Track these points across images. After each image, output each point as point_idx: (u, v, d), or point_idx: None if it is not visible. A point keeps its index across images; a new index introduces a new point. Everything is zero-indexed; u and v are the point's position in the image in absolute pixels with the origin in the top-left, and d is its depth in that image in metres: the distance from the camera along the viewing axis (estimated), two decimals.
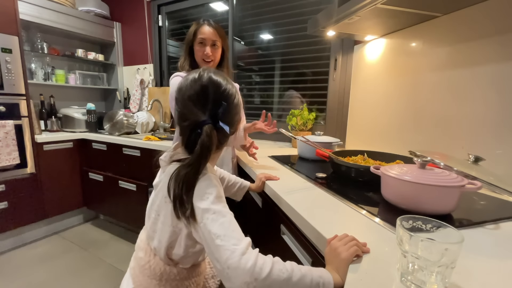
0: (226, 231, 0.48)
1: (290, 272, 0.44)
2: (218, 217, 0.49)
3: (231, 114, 0.60)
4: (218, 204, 0.52)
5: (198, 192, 0.53)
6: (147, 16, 2.56)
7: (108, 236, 2.19)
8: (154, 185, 0.63)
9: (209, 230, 0.48)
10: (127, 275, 0.68)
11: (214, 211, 0.50)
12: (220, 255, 0.45)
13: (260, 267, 0.43)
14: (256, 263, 0.43)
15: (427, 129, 1.12)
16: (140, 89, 2.62)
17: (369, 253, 0.49)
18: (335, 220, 0.64)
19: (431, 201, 0.62)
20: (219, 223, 0.49)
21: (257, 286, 0.42)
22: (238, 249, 0.44)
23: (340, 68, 1.65)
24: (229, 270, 0.43)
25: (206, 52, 1.15)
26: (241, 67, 2.17)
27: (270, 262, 0.45)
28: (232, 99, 0.60)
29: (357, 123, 1.57)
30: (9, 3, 1.78)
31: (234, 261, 0.43)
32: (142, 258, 0.62)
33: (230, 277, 0.43)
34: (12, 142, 1.83)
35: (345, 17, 1.05)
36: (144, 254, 0.62)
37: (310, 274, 0.45)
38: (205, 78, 0.59)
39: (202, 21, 1.17)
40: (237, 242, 0.46)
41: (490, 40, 0.89)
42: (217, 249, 0.46)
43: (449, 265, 0.37)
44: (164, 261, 0.60)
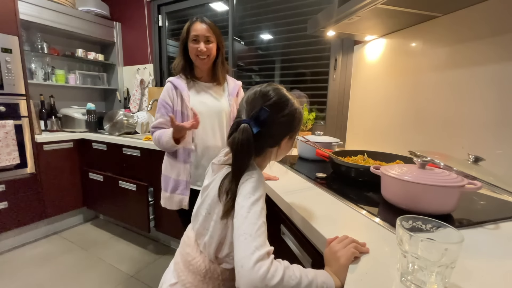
0: (254, 232, 0.49)
1: (299, 279, 0.45)
2: (252, 216, 0.51)
3: (275, 125, 0.58)
4: (257, 206, 0.53)
5: (242, 190, 0.54)
6: (147, 16, 2.56)
7: (108, 236, 2.19)
8: (204, 186, 0.66)
9: (239, 226, 0.50)
10: (170, 268, 0.70)
11: (249, 211, 0.51)
12: (239, 251, 0.47)
13: (272, 274, 0.44)
14: (269, 270, 0.44)
15: (427, 129, 1.12)
16: (140, 89, 2.62)
17: (368, 253, 0.49)
18: (335, 220, 0.64)
19: (431, 201, 0.62)
20: (251, 223, 0.50)
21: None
22: (257, 253, 0.45)
23: (340, 68, 1.65)
24: (242, 269, 0.45)
25: (200, 48, 1.13)
26: (241, 67, 2.17)
27: (282, 269, 0.45)
28: (285, 112, 0.59)
29: (357, 123, 1.57)
30: (9, 3, 1.78)
31: (249, 263, 0.44)
32: (189, 254, 0.64)
33: (241, 277, 0.44)
34: (12, 142, 1.83)
35: (345, 17, 1.05)
36: (191, 250, 0.64)
37: (315, 280, 0.46)
38: (270, 87, 0.62)
39: (195, 19, 1.17)
40: (259, 246, 0.47)
41: (490, 40, 0.89)
42: (240, 245, 0.48)
43: (449, 265, 0.37)
44: (210, 259, 0.62)
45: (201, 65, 1.18)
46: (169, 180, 1.21)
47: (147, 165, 1.89)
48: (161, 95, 1.19)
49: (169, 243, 2.05)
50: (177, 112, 1.17)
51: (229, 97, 1.25)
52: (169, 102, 1.17)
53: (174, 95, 1.17)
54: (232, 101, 1.25)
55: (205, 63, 1.17)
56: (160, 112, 1.19)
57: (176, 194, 1.19)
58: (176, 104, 1.17)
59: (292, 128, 0.62)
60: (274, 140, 0.61)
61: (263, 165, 0.65)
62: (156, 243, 2.08)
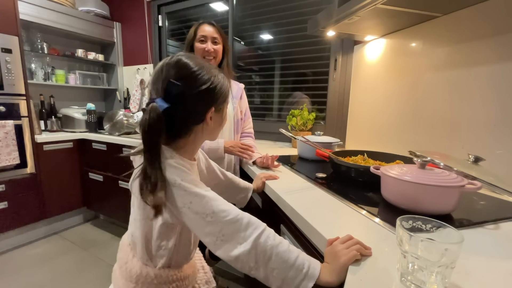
0: (213, 208, 0.49)
1: (279, 242, 0.48)
2: (200, 199, 0.50)
3: (191, 98, 0.53)
4: (195, 188, 0.51)
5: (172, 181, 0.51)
6: (147, 16, 2.56)
7: (108, 236, 2.19)
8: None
9: (196, 211, 0.49)
10: (112, 277, 0.65)
11: (195, 195, 0.50)
12: (212, 229, 0.49)
13: (254, 227, 0.48)
14: (251, 222, 0.49)
15: (427, 129, 1.12)
16: (140, 89, 2.62)
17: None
18: (335, 220, 0.64)
19: (431, 201, 0.62)
20: (205, 202, 0.50)
21: (246, 246, 0.46)
22: (229, 217, 0.48)
23: (340, 68, 1.65)
24: (223, 237, 0.48)
25: (207, 48, 1.13)
26: (241, 67, 2.17)
27: (263, 225, 0.49)
28: (199, 82, 0.53)
29: (357, 123, 1.57)
30: (9, 3, 1.78)
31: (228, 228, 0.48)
32: (122, 259, 0.60)
33: (222, 245, 0.48)
34: (12, 142, 1.83)
35: (345, 17, 1.05)
36: (123, 254, 0.60)
37: (297, 252, 0.48)
38: (173, 58, 0.55)
39: (202, 21, 1.17)
40: (226, 213, 0.49)
41: (490, 40, 0.89)
42: (208, 224, 0.49)
43: (449, 265, 0.37)
44: (142, 261, 0.57)
45: None
46: None
47: None
48: None
49: None
50: None
51: (233, 100, 1.24)
52: None
53: None
54: (236, 104, 1.24)
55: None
56: None
57: None
58: None
59: (215, 100, 0.56)
60: (196, 115, 0.55)
61: (194, 147, 0.61)
62: None
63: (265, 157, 1.11)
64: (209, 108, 0.56)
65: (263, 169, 1.09)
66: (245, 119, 1.35)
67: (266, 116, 2.10)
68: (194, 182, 0.52)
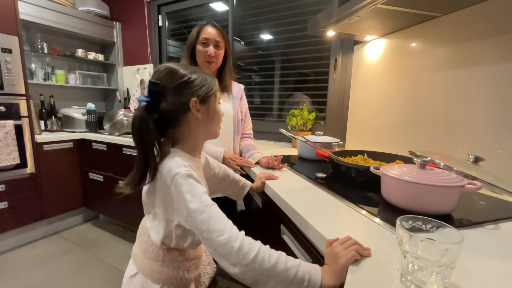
0: (208, 226, 0.51)
1: (275, 262, 0.47)
2: (198, 214, 0.52)
3: (171, 92, 0.60)
4: (196, 198, 0.54)
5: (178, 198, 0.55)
6: (147, 16, 2.56)
7: (108, 236, 2.19)
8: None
9: (195, 225, 0.53)
10: (130, 262, 0.70)
11: (194, 210, 0.53)
12: (209, 245, 0.51)
13: (245, 253, 0.47)
14: (242, 248, 0.48)
15: (427, 129, 1.12)
16: (140, 89, 2.62)
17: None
18: (335, 220, 0.64)
19: (431, 201, 0.62)
20: (202, 218, 0.52)
21: (241, 269, 0.47)
22: (228, 241, 0.49)
23: (340, 68, 1.65)
24: (220, 255, 0.49)
25: (209, 52, 1.11)
26: (241, 67, 2.17)
27: (256, 248, 0.48)
28: (177, 77, 0.60)
29: (357, 123, 1.57)
30: (9, 3, 1.78)
31: (226, 251, 0.49)
32: (146, 243, 0.65)
33: (220, 260, 0.50)
34: (12, 142, 1.83)
35: (345, 17, 1.05)
36: (147, 239, 0.65)
37: (296, 268, 0.47)
38: (160, 66, 0.63)
39: (206, 22, 1.15)
40: (219, 233, 0.50)
41: (490, 40, 0.89)
42: (205, 241, 0.52)
43: (449, 265, 0.37)
44: (167, 247, 0.64)
45: (207, 70, 1.15)
46: None
47: None
48: None
49: None
50: None
51: (233, 101, 1.24)
52: None
53: None
54: (237, 105, 1.23)
55: (211, 68, 1.15)
56: None
57: None
58: None
59: (195, 92, 0.62)
60: (179, 105, 0.61)
61: (194, 142, 0.66)
62: None
63: (270, 158, 1.10)
64: (190, 98, 0.61)
65: (267, 169, 1.09)
66: (245, 120, 1.35)
67: (266, 116, 2.10)
68: (197, 188, 0.55)
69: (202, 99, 0.63)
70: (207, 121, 0.65)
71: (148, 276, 0.63)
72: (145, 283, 0.63)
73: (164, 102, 0.59)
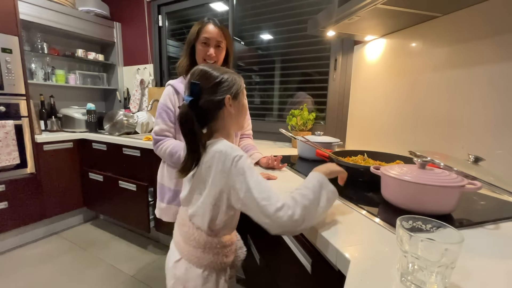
0: (263, 196, 0.59)
1: (310, 202, 0.58)
2: (255, 187, 0.61)
3: (209, 90, 0.69)
4: (250, 175, 0.62)
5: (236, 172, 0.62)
6: (147, 16, 2.56)
7: (108, 236, 2.19)
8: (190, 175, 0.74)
9: (254, 198, 0.60)
10: (172, 249, 0.78)
11: (249, 185, 0.61)
12: (260, 216, 0.59)
13: (291, 217, 0.56)
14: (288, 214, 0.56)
15: (427, 129, 1.12)
16: (140, 89, 2.62)
17: (369, 253, 0.49)
18: (335, 220, 0.64)
19: (431, 201, 0.62)
20: (258, 191, 0.60)
21: (300, 217, 0.56)
22: (275, 211, 0.57)
23: (340, 68, 1.65)
24: (269, 225, 0.58)
25: (209, 53, 1.07)
26: (241, 67, 2.17)
27: (295, 204, 0.57)
28: (212, 78, 0.70)
29: (357, 123, 1.57)
30: (9, 3, 1.78)
31: (273, 219, 0.57)
32: (187, 232, 0.72)
33: (271, 228, 0.58)
34: (12, 142, 1.83)
35: (345, 17, 1.05)
36: (188, 228, 0.72)
37: (312, 190, 0.60)
38: (194, 69, 0.72)
39: (207, 20, 1.10)
40: (272, 203, 0.58)
41: (489, 40, 0.89)
42: (259, 212, 0.59)
43: (449, 265, 0.37)
44: (206, 233, 0.71)
45: None
46: (165, 189, 1.14)
47: (147, 165, 1.89)
48: (161, 99, 1.12)
49: (169, 243, 2.05)
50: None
51: None
52: (171, 107, 1.09)
53: (176, 100, 1.10)
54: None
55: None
56: (161, 117, 1.10)
57: (173, 205, 1.12)
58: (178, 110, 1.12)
59: (227, 89, 0.71)
60: (216, 102, 0.70)
61: (228, 132, 0.74)
62: (156, 243, 2.08)
63: (270, 158, 1.09)
64: (224, 95, 0.70)
65: (267, 170, 1.09)
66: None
67: (266, 116, 2.10)
68: (252, 166, 0.64)
69: (234, 96, 0.72)
70: (238, 114, 0.75)
71: (191, 261, 0.71)
72: (188, 267, 0.71)
73: (203, 99, 0.68)
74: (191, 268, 0.71)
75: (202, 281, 0.70)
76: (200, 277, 0.70)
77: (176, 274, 0.71)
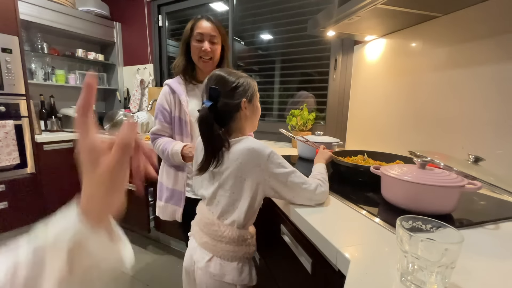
0: (301, 184, 0.71)
1: (324, 183, 0.74)
2: (290, 180, 0.71)
3: (227, 94, 0.73)
4: (282, 170, 0.70)
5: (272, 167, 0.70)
6: (147, 16, 2.56)
7: None
8: (217, 172, 0.76)
9: (294, 183, 0.70)
10: (196, 251, 0.78)
11: (285, 177, 0.70)
12: (302, 199, 0.72)
13: (322, 189, 0.72)
14: (321, 189, 0.72)
15: (427, 129, 1.12)
16: (140, 89, 2.62)
17: (369, 254, 0.49)
18: (335, 220, 0.64)
19: (431, 201, 0.62)
20: (298, 175, 0.71)
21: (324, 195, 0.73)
22: (312, 192, 0.71)
23: (340, 68, 1.65)
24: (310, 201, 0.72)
25: (204, 48, 1.04)
26: (241, 67, 2.17)
27: (319, 184, 0.73)
28: (230, 82, 0.74)
29: (357, 123, 1.57)
30: (9, 3, 1.78)
31: (311, 197, 0.71)
32: (218, 231, 0.75)
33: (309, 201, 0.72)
34: (12, 142, 1.83)
35: (345, 17, 1.05)
36: (218, 227, 0.75)
37: (326, 174, 0.80)
38: (211, 74, 0.78)
39: (200, 16, 1.08)
40: (308, 186, 0.71)
41: (490, 40, 0.89)
42: (299, 196, 0.71)
43: (449, 265, 0.37)
44: (238, 227, 0.74)
45: (203, 68, 1.11)
46: (163, 189, 1.15)
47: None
48: (158, 99, 1.12)
49: (169, 243, 2.05)
50: (175, 118, 1.10)
51: None
52: (167, 107, 1.10)
53: (172, 99, 1.10)
54: None
55: (208, 65, 1.10)
56: (157, 118, 1.11)
57: (170, 204, 1.13)
58: (174, 110, 1.10)
59: (244, 93, 0.76)
60: (233, 105, 0.75)
61: (244, 132, 0.79)
62: (156, 243, 2.08)
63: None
64: (241, 99, 0.75)
65: None
66: None
67: (266, 116, 2.10)
68: (282, 158, 0.72)
69: (249, 99, 0.77)
70: (252, 116, 0.80)
71: (225, 257, 0.74)
72: (222, 263, 0.74)
73: (221, 103, 0.73)
74: (225, 263, 0.74)
75: (238, 273, 0.75)
76: (236, 270, 0.75)
77: (212, 272, 0.74)
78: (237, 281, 0.74)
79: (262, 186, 0.71)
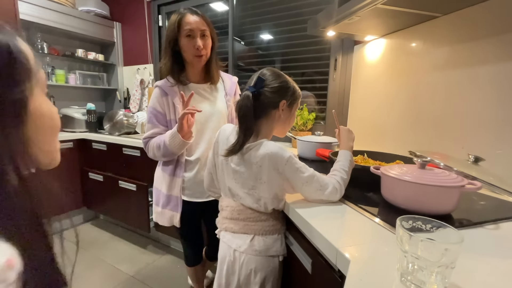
0: (318, 187, 0.72)
1: (344, 180, 0.76)
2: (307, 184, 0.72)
3: (271, 88, 0.75)
4: (301, 174, 0.71)
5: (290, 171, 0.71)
6: (147, 16, 2.56)
7: (108, 236, 2.19)
8: (235, 171, 0.78)
9: (312, 186, 0.72)
10: (234, 238, 0.80)
11: (304, 181, 0.72)
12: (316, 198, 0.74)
13: (338, 189, 0.73)
14: (336, 189, 0.73)
15: (427, 129, 1.12)
16: (140, 89, 2.62)
17: (369, 253, 0.49)
18: (335, 220, 0.64)
19: (431, 201, 0.62)
20: (311, 187, 0.72)
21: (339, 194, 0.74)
22: (323, 194, 0.73)
23: (340, 68, 1.65)
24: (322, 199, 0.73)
25: (197, 45, 0.98)
26: (241, 67, 2.17)
27: (335, 185, 0.73)
28: (278, 81, 0.76)
29: (357, 123, 1.57)
30: (9, 3, 1.78)
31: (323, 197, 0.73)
32: (252, 213, 0.78)
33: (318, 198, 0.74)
34: None
35: (345, 17, 1.05)
36: (250, 214, 0.79)
37: (348, 172, 0.79)
38: (261, 70, 0.80)
39: (183, 10, 1.01)
40: (322, 190, 0.73)
41: (490, 40, 0.89)
42: (315, 198, 0.74)
43: (449, 265, 0.37)
44: (266, 212, 0.78)
45: (197, 64, 1.05)
46: (159, 194, 1.13)
47: (147, 165, 1.88)
48: (150, 102, 1.07)
49: (169, 243, 2.05)
50: (171, 122, 1.05)
51: (226, 97, 1.14)
52: (161, 110, 1.05)
53: (165, 102, 1.05)
54: (231, 101, 1.14)
55: (202, 61, 1.04)
56: (151, 122, 1.06)
57: (167, 209, 1.11)
58: (169, 113, 1.05)
59: (287, 96, 0.78)
60: (272, 101, 0.76)
61: (269, 132, 0.80)
62: (156, 243, 2.08)
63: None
64: (282, 99, 0.77)
65: None
66: None
67: None
68: (300, 162, 0.73)
69: (289, 103, 0.79)
70: (285, 120, 0.81)
71: (266, 233, 0.78)
72: (265, 238, 0.78)
73: (263, 95, 0.75)
74: (267, 237, 0.78)
75: (279, 243, 0.79)
76: (278, 240, 0.79)
77: (257, 249, 0.77)
78: (280, 251, 0.79)
79: (279, 187, 0.74)
